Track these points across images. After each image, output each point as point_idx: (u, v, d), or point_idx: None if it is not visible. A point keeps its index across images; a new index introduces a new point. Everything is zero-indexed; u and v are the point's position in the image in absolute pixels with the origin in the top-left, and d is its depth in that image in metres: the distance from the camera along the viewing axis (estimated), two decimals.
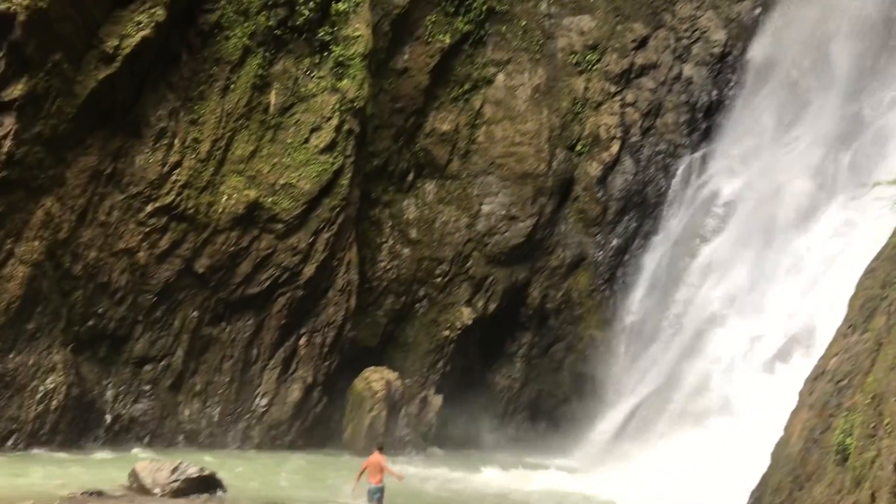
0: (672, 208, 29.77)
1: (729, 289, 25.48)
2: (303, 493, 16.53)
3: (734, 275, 25.65)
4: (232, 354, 24.54)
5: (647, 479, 19.90)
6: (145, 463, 15.02)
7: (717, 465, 19.71)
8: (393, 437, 25.07)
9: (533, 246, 30.04)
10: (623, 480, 20.37)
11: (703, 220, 28.21)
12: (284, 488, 17.02)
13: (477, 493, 18.45)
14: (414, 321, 29.00)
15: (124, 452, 20.92)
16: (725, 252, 26.59)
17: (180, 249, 23.69)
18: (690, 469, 20.05)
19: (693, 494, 17.10)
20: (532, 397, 30.30)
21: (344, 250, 26.28)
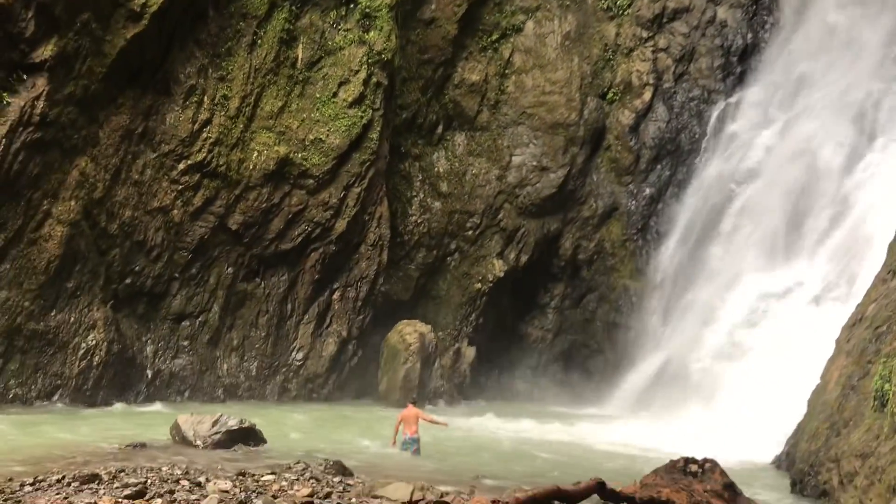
0: (706, 155, 29.24)
1: (764, 236, 25.08)
2: (340, 443, 16.80)
3: (770, 221, 25.21)
4: (267, 310, 24.83)
5: (681, 427, 19.89)
6: (186, 416, 15.29)
7: (752, 413, 19.65)
8: (427, 388, 25.32)
9: (564, 197, 29.78)
10: (657, 428, 20.39)
11: (737, 167, 27.69)
12: (322, 439, 17.30)
13: (512, 442, 18.60)
14: (446, 274, 29.06)
15: (166, 407, 21.35)
16: (761, 198, 26.12)
17: (213, 206, 23.85)
18: (724, 417, 20.01)
19: (728, 442, 17.06)
20: (565, 348, 30.37)
21: (375, 205, 26.30)
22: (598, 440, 19.18)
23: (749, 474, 14.58)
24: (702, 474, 9.60)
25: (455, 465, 14.80)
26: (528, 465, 15.68)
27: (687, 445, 17.08)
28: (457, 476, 13.23)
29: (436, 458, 15.58)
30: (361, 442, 17.43)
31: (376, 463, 14.25)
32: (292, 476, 11.37)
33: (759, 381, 21.34)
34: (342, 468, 12.31)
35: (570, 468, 15.20)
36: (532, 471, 14.79)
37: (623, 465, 15.72)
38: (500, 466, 15.01)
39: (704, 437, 17.68)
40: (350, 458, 14.05)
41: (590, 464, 15.91)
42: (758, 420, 19.04)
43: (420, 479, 11.11)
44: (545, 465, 15.62)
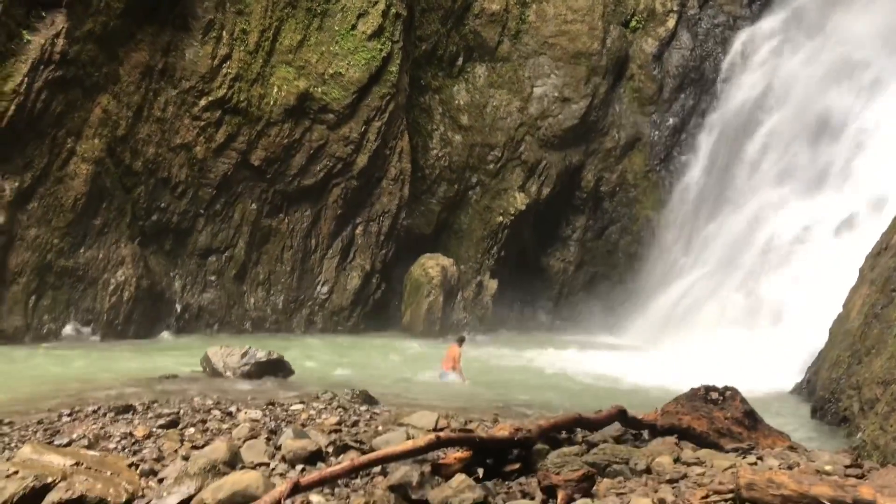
0: (730, 84, 28.61)
1: (790, 165, 24.67)
2: (366, 374, 17.06)
3: (795, 150, 24.76)
4: (292, 245, 24.99)
5: (702, 355, 19.99)
6: (216, 348, 15.49)
7: (773, 342, 19.66)
8: (450, 320, 25.56)
9: (587, 128, 29.40)
10: (678, 357, 20.50)
11: (762, 95, 27.08)
12: (348, 370, 17.58)
13: (534, 372, 18.80)
14: (467, 208, 29.00)
15: (196, 340, 21.75)
16: (786, 128, 25.61)
17: (236, 143, 23.81)
18: (746, 346, 20.04)
19: (748, 370, 17.11)
20: (586, 280, 30.44)
21: (395, 139, 26.13)
22: (619, 369, 19.33)
23: (770, 402, 14.65)
24: (722, 402, 9.65)
25: (479, 394, 15.00)
26: (552, 394, 15.85)
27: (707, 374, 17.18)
28: (481, 405, 13.42)
29: (459, 389, 15.78)
30: (386, 372, 17.68)
31: (401, 393, 14.45)
32: (320, 405, 11.56)
33: (780, 311, 21.28)
34: (368, 397, 12.50)
35: (592, 397, 15.37)
36: (555, 400, 14.96)
37: (643, 393, 15.85)
38: (523, 396, 15.19)
39: (725, 365, 17.75)
40: (376, 387, 14.23)
41: (610, 393, 16.08)
42: (779, 349, 19.06)
43: (444, 409, 11.27)
44: (567, 395, 15.78)
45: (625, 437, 9.30)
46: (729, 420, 9.42)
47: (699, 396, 9.73)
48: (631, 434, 9.40)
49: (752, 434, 9.40)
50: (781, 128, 25.98)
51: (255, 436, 9.17)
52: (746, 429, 9.46)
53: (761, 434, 9.48)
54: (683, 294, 25.91)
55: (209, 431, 9.67)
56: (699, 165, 28.41)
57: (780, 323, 20.79)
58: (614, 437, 9.16)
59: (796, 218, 23.13)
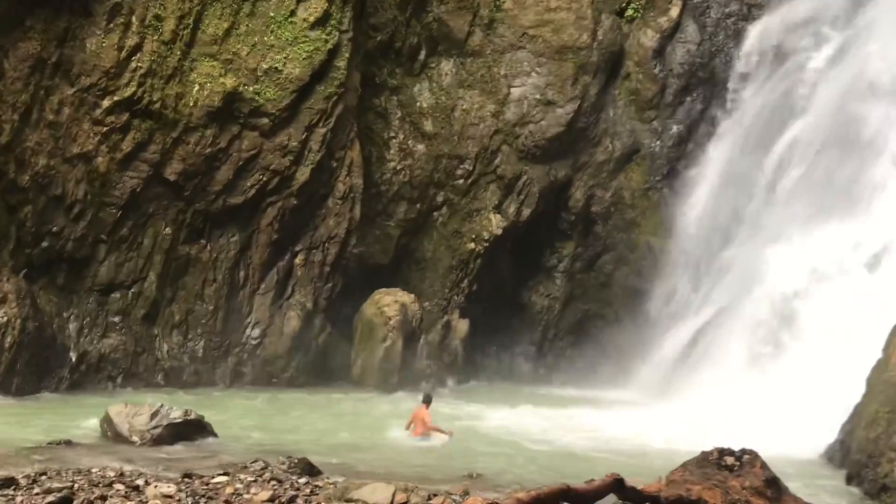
0: (745, 85, 29.15)
1: (817, 182, 25.10)
2: (306, 438, 16.92)
3: (822, 166, 25.23)
4: (215, 278, 24.82)
5: (717, 412, 20.11)
6: (120, 407, 15.36)
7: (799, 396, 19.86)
8: (411, 370, 25.50)
9: (575, 136, 29.68)
10: (686, 414, 20.61)
11: (783, 100, 27.62)
12: (284, 433, 17.41)
13: (512, 433, 18.78)
14: (432, 233, 29.06)
15: (94, 396, 21.40)
16: (811, 137, 26.08)
17: (146, 152, 23.68)
18: (766, 401, 20.23)
19: (772, 429, 17.27)
20: (576, 319, 30.53)
21: (344, 149, 26.16)
22: (616, 430, 19.36)
23: (796, 469, 14.76)
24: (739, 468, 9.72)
25: (445, 460, 14.95)
26: (532, 460, 15.86)
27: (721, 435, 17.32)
28: (447, 474, 13.36)
29: (422, 454, 15.72)
30: (332, 435, 17.55)
31: (350, 461, 14.37)
32: (249, 477, 11.47)
33: (807, 359, 21.54)
34: (309, 467, 12.41)
35: (582, 464, 15.37)
36: (537, 467, 14.95)
37: (644, 458, 15.90)
38: (498, 462, 15.17)
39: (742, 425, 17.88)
40: (318, 454, 14.15)
41: (606, 458, 16.09)
42: (806, 405, 19.25)
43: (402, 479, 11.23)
44: (552, 461, 15.79)
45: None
46: (748, 490, 9.49)
47: (712, 462, 9.79)
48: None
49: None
50: (807, 138, 26.43)
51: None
52: (769, 500, 9.54)
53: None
54: (693, 337, 26.08)
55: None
56: (709, 182, 28.73)
57: (808, 372, 21.00)
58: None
59: (825, 246, 23.49)
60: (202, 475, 11.48)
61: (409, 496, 9.89)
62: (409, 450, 16.13)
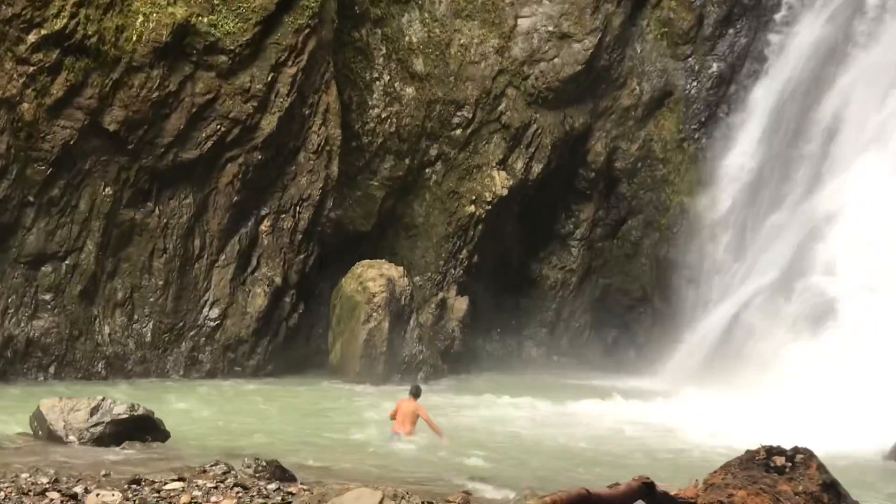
0: (797, 15, 29.05)
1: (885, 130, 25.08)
2: (276, 437, 16.97)
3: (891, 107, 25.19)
4: (165, 248, 24.79)
5: (759, 407, 20.22)
6: (53, 401, 15.29)
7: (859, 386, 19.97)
8: (399, 357, 25.56)
9: (595, 77, 29.62)
10: (729, 408, 20.73)
11: (846, 31, 27.52)
12: (249, 431, 17.46)
13: (519, 430, 18.87)
14: (424, 193, 29.04)
15: (23, 387, 21.39)
16: (880, 77, 26.03)
17: (81, 98, 23.55)
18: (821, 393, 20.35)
19: (827, 425, 17.39)
20: (596, 296, 30.62)
21: (318, 93, 26.07)
22: (644, 425, 19.46)
23: (859, 469, 14.87)
24: (791, 470, 9.78)
25: (440, 463, 15.00)
26: (544, 461, 15.92)
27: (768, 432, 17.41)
28: (442, 479, 13.41)
29: (414, 455, 15.78)
30: (306, 434, 17.59)
31: (328, 463, 14.39)
32: (208, 483, 11.47)
33: (874, 340, 21.63)
34: (280, 470, 12.42)
35: (603, 465, 15.45)
36: (549, 469, 15.01)
37: (679, 458, 15.97)
38: (503, 463, 15.22)
39: (793, 420, 18.00)
40: (291, 456, 14.16)
41: (632, 458, 16.17)
42: (869, 397, 19.37)
43: (391, 484, 11.27)
44: (567, 462, 15.86)
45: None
46: (801, 497, 9.55)
47: (758, 462, 9.84)
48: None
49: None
50: (873, 76, 26.40)
51: None
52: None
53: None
54: (735, 316, 26.17)
55: None
56: (756, 131, 28.73)
57: (874, 358, 21.10)
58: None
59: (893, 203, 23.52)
60: (152, 481, 11.47)
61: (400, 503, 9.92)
62: (396, 450, 16.17)
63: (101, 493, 10.61)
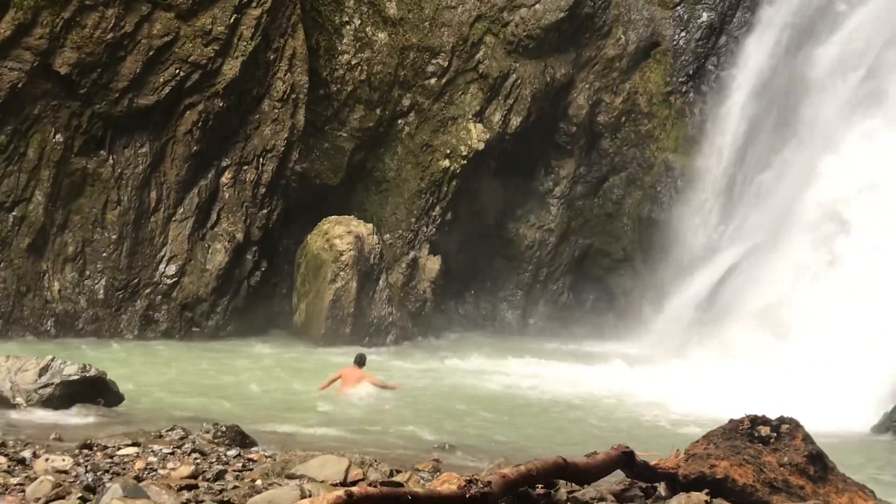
0: None
1: (882, 85, 25.13)
2: (236, 401, 16.99)
3: (888, 63, 25.24)
4: (119, 199, 24.68)
5: (748, 374, 20.39)
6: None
7: (851, 354, 20.14)
8: (367, 318, 25.60)
9: (578, 25, 29.53)
10: (712, 375, 20.89)
11: None
12: (208, 394, 17.48)
13: (493, 395, 18.97)
14: (396, 146, 28.97)
15: None
16: (878, 29, 26.05)
17: (30, 37, 23.35)
18: (807, 360, 20.51)
19: (814, 396, 17.56)
20: (575, 256, 30.69)
21: (284, 36, 25.94)
22: (623, 392, 19.60)
23: (846, 441, 15.04)
24: (776, 440, 9.84)
25: (410, 429, 15.08)
26: (518, 428, 16.05)
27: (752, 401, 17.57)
28: (413, 445, 13.48)
29: (382, 420, 15.86)
30: (268, 398, 17.64)
31: (292, 429, 14.46)
32: (164, 448, 11.47)
33: (863, 306, 21.79)
34: (240, 435, 12.44)
35: (580, 433, 15.57)
36: (524, 436, 15.12)
37: (659, 427, 16.11)
38: (476, 431, 15.34)
39: (778, 389, 18.18)
40: (251, 421, 14.20)
41: (610, 426, 16.31)
42: (861, 365, 19.54)
43: (358, 451, 11.32)
44: (542, 429, 15.99)
45: (630, 492, 9.45)
46: (786, 468, 9.63)
47: (742, 432, 9.91)
48: (640, 489, 9.56)
49: (819, 488, 9.64)
50: (870, 28, 26.44)
51: (63, 495, 9.07)
52: (811, 480, 9.68)
53: (833, 488, 9.72)
54: (721, 279, 26.30)
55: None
56: (746, 84, 28.74)
57: (863, 325, 21.27)
58: (615, 492, 9.30)
59: (892, 164, 23.60)
60: (105, 446, 11.46)
61: (367, 471, 9.95)
62: (363, 417, 16.25)
63: (51, 457, 10.59)
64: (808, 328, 22.13)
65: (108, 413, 14.69)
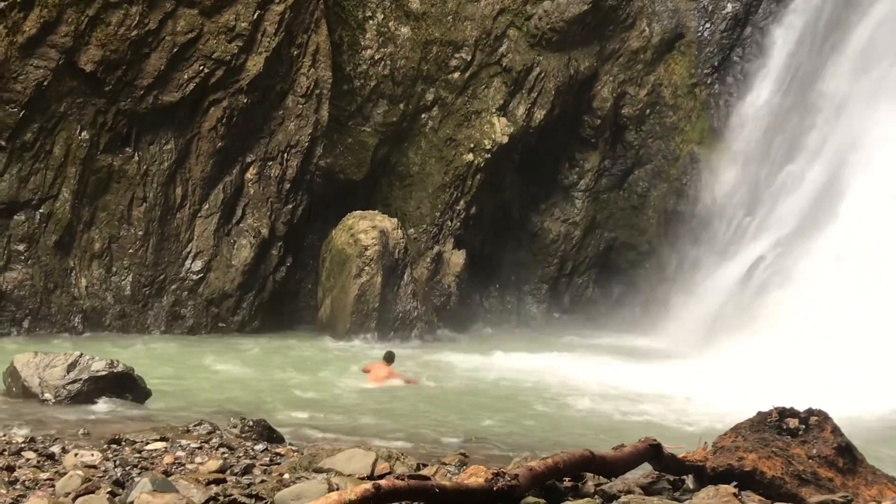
0: None
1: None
2: (263, 396, 17.04)
3: None
4: (145, 196, 24.77)
5: (775, 363, 20.31)
6: (28, 356, 15.33)
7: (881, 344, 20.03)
8: (392, 313, 25.62)
9: (602, 18, 29.49)
10: (738, 367, 20.82)
11: None
12: (235, 389, 17.53)
13: (520, 389, 18.98)
14: (419, 141, 28.99)
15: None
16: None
17: (56, 35, 23.43)
18: (840, 350, 20.41)
19: (843, 386, 17.47)
20: (600, 250, 30.66)
21: (307, 32, 25.98)
22: (650, 385, 19.57)
23: (876, 432, 14.96)
24: (804, 432, 9.81)
25: (437, 423, 15.09)
26: (543, 421, 16.03)
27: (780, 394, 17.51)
28: (440, 439, 13.49)
29: (409, 415, 15.88)
30: (295, 393, 17.69)
31: (318, 423, 14.48)
32: (192, 443, 11.53)
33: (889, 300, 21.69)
34: (268, 430, 12.49)
35: (606, 426, 15.54)
36: (548, 430, 15.11)
37: (686, 421, 16.07)
38: (505, 426, 15.32)
39: (807, 381, 18.09)
40: (279, 415, 14.26)
41: (636, 420, 16.27)
42: (883, 354, 19.44)
43: (385, 446, 11.34)
44: (568, 423, 15.97)
45: (658, 484, 9.43)
46: (815, 460, 9.61)
47: (770, 424, 9.89)
48: (668, 481, 9.54)
49: (848, 480, 9.60)
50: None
51: (92, 490, 9.13)
52: (841, 472, 9.65)
53: (862, 480, 9.69)
54: (748, 272, 26.21)
55: (19, 484, 9.60)
56: (772, 76, 28.63)
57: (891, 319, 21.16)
58: (643, 485, 9.28)
59: None
60: (133, 441, 11.53)
61: (394, 464, 9.97)
62: (389, 410, 16.26)
63: (80, 452, 10.66)
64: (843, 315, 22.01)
65: (135, 408, 14.78)
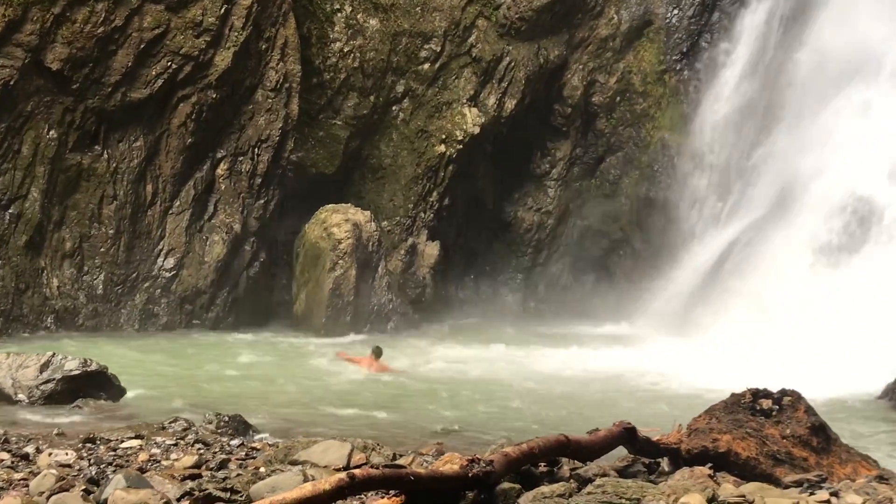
0: None
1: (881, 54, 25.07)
2: (238, 391, 17.03)
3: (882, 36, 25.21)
4: (115, 194, 24.67)
5: (747, 346, 20.43)
6: (0, 357, 15.32)
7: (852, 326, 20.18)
8: (367, 306, 25.61)
9: (570, 5, 29.49)
10: (712, 352, 20.93)
11: None
12: (210, 386, 17.51)
13: (494, 378, 19.03)
14: (391, 133, 28.94)
15: None
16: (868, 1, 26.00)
17: (20, 34, 23.28)
18: (811, 334, 20.55)
19: (815, 367, 17.59)
20: (573, 238, 30.66)
21: (275, 26, 25.91)
22: (624, 370, 19.65)
23: (849, 412, 15.12)
24: (778, 413, 9.89)
25: (412, 413, 15.14)
26: (517, 410, 16.08)
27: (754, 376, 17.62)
28: (415, 428, 13.52)
29: (386, 406, 15.89)
30: (270, 388, 17.68)
31: (293, 416, 14.50)
32: (168, 440, 11.54)
33: (865, 281, 21.82)
34: (243, 425, 12.51)
35: (581, 411, 15.61)
36: (525, 417, 15.16)
37: (661, 405, 16.16)
38: (477, 413, 15.39)
39: (783, 361, 18.22)
40: (254, 410, 14.24)
41: (611, 404, 16.34)
42: (862, 336, 19.57)
43: (361, 437, 11.35)
44: (544, 409, 16.02)
45: (633, 467, 9.49)
46: (789, 439, 9.68)
47: (744, 406, 9.96)
48: (643, 464, 9.60)
49: (822, 459, 9.68)
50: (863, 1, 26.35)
51: (67, 488, 9.12)
52: (814, 451, 9.73)
53: (836, 458, 9.77)
54: (719, 257, 26.32)
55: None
56: (741, 61, 28.70)
57: (865, 299, 21.29)
58: (618, 468, 9.33)
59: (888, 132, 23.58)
60: (108, 439, 11.52)
61: (370, 455, 10.00)
62: (365, 403, 16.27)
63: (55, 452, 10.65)
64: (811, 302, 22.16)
65: (110, 407, 14.75)
